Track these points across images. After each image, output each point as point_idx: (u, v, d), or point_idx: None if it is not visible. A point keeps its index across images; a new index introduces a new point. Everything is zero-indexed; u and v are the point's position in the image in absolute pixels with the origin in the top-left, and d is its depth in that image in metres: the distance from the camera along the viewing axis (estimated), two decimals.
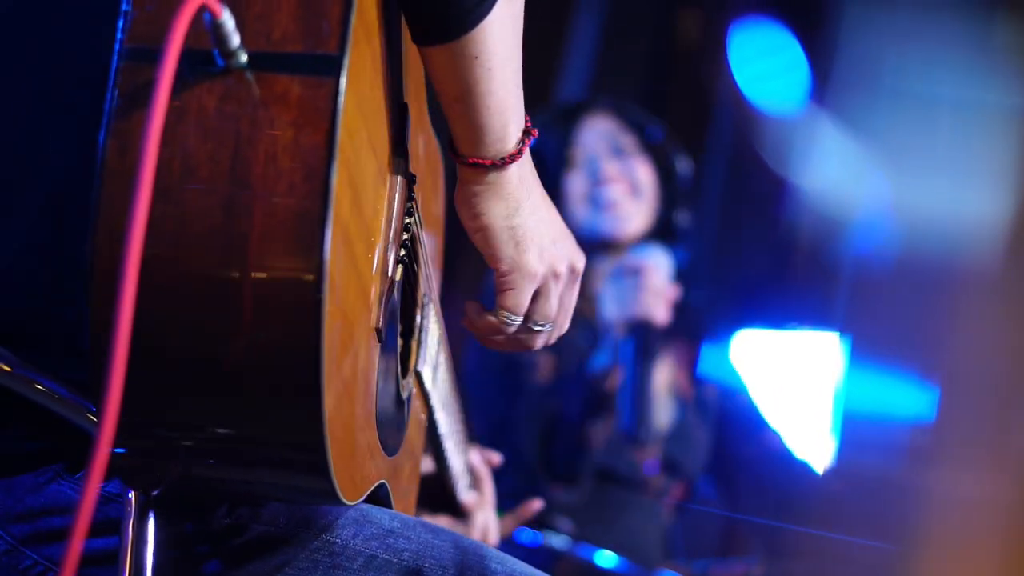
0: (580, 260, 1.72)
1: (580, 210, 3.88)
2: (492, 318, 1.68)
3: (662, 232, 3.97)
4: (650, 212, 3.94)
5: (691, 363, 4.06)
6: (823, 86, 4.99)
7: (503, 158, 1.56)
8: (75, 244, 1.34)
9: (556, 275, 1.68)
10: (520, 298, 1.66)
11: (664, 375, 4.01)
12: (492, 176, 1.57)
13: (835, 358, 4.50)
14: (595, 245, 3.90)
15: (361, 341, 1.45)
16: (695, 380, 4.04)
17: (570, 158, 3.90)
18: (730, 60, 5.37)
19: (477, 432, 3.66)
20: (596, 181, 3.88)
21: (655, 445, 3.88)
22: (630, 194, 3.90)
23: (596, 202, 3.88)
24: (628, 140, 3.93)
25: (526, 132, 1.58)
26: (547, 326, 1.71)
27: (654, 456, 3.88)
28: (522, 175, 1.60)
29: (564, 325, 1.75)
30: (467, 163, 1.56)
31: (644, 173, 3.92)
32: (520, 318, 1.67)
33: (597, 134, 3.92)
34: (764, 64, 5.32)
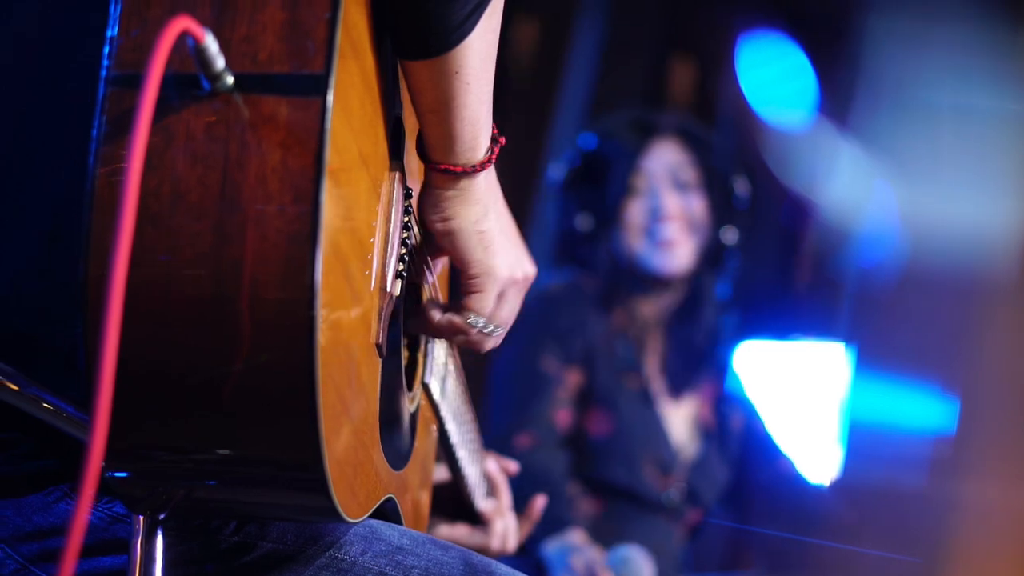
0: (532, 268, 1.76)
1: (636, 241, 3.91)
2: (456, 319, 1.71)
3: (709, 261, 3.99)
4: (700, 244, 3.96)
5: (716, 394, 4.08)
6: (839, 98, 4.97)
7: (474, 166, 1.58)
8: (76, 264, 1.35)
9: (515, 280, 1.72)
10: (487, 300, 1.69)
11: (688, 408, 4.03)
12: (463, 183, 1.60)
13: (841, 369, 4.49)
14: (644, 278, 3.93)
15: (360, 358, 1.45)
16: (720, 408, 4.06)
17: (633, 186, 3.92)
18: (736, 71, 5.37)
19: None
20: (656, 217, 3.90)
21: (679, 474, 3.90)
22: (687, 231, 3.92)
23: (653, 237, 3.91)
24: (691, 174, 3.95)
25: (494, 139, 1.60)
26: (499, 330, 1.74)
27: (677, 483, 3.89)
28: (489, 182, 1.63)
29: (507, 328, 1.79)
30: (438, 169, 1.59)
31: (699, 207, 3.94)
32: (484, 320, 1.70)
33: (662, 165, 3.94)
34: (771, 76, 5.31)
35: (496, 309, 1.71)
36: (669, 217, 3.90)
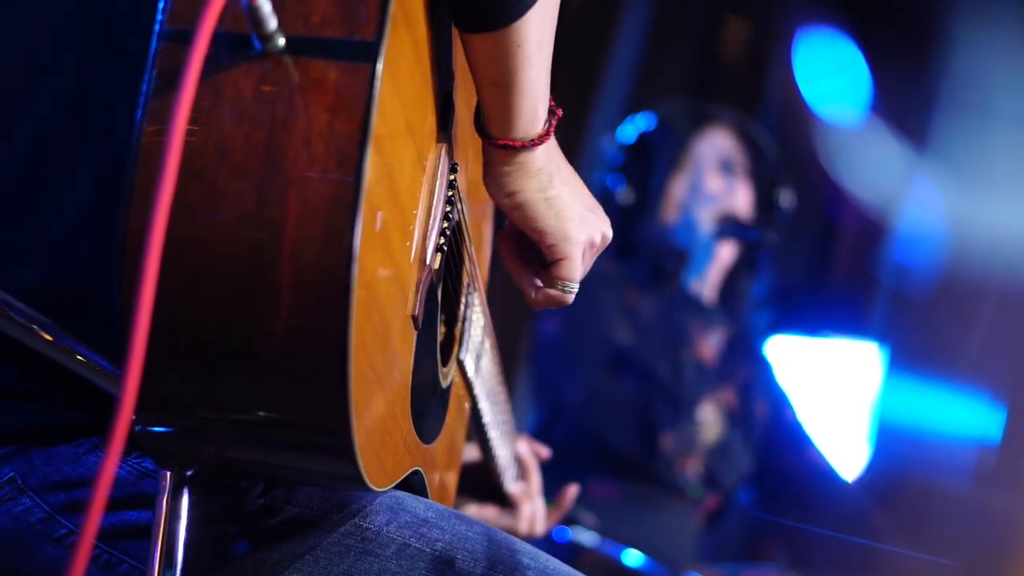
0: (609, 229, 1.74)
1: (671, 215, 3.90)
2: (554, 292, 1.70)
3: (745, 258, 3.98)
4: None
5: (742, 381, 4.06)
6: (896, 98, 4.93)
7: (532, 140, 1.57)
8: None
9: (592, 244, 1.71)
10: (574, 266, 1.68)
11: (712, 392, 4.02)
12: (521, 157, 1.59)
13: (873, 368, 4.46)
14: (672, 253, 3.92)
15: (395, 328, 1.45)
16: (745, 395, 4.04)
17: (680, 161, 3.91)
18: (790, 57, 5.34)
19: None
20: (696, 194, 3.89)
21: (698, 455, 3.88)
22: None
23: (687, 215, 3.89)
24: (740, 162, 3.94)
25: (551, 112, 1.60)
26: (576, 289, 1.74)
27: (696, 466, 3.88)
28: (549, 151, 1.62)
29: None
30: (496, 144, 1.58)
31: (743, 198, 3.92)
32: (577, 285, 1.69)
33: (712, 147, 3.94)
34: (825, 68, 5.28)
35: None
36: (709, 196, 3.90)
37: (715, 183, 3.91)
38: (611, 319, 3.88)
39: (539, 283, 1.72)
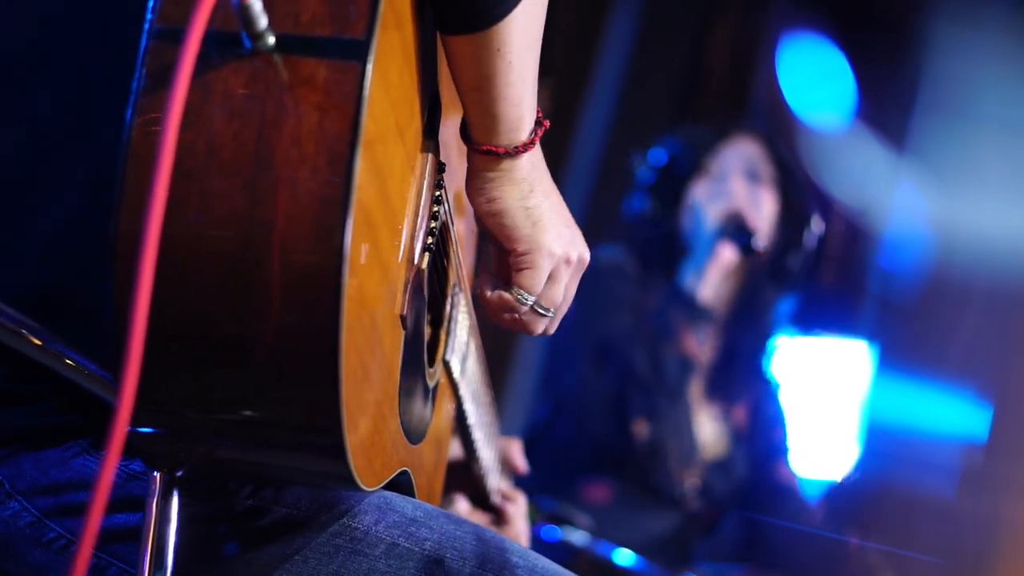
0: (587, 252, 1.72)
1: (688, 215, 3.92)
2: (507, 295, 1.67)
3: (772, 272, 3.99)
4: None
5: (756, 397, 4.06)
6: (881, 103, 4.95)
7: (516, 147, 1.57)
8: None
9: (568, 261, 1.68)
10: (537, 277, 1.66)
11: (720, 407, 4.02)
12: (505, 164, 1.58)
13: (863, 367, 4.47)
14: (666, 239, 3.93)
15: (384, 328, 1.45)
16: (756, 414, 4.04)
17: (705, 166, 3.93)
18: (776, 69, 5.36)
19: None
20: (720, 193, 3.91)
21: (697, 469, 3.89)
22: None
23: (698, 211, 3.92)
24: (766, 170, 3.95)
25: (538, 122, 1.59)
26: (551, 311, 1.71)
27: (695, 479, 3.88)
28: (534, 162, 1.61)
29: (563, 312, 1.75)
30: (480, 150, 1.58)
31: (768, 204, 3.93)
32: (534, 298, 1.67)
33: (738, 153, 3.96)
34: (810, 74, 5.30)
35: (547, 288, 1.68)
36: (733, 196, 3.91)
37: (740, 188, 3.93)
38: (600, 309, 3.89)
39: (496, 284, 1.70)
